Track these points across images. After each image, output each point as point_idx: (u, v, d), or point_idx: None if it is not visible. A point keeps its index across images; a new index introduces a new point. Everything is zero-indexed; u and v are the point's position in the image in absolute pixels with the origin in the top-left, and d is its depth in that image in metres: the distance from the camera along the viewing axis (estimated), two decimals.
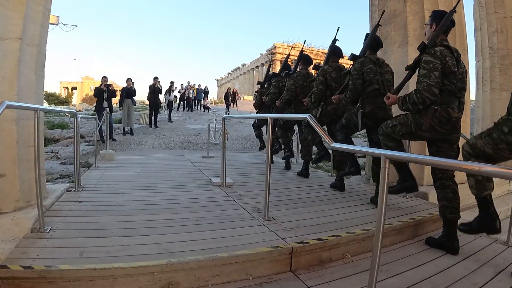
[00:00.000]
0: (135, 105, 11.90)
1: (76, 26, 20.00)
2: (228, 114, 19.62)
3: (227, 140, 4.91)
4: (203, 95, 22.14)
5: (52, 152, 9.24)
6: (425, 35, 3.06)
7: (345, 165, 4.26)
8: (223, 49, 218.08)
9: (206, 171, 5.64)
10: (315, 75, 4.74)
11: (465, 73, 2.93)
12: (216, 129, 13.50)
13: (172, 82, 16.22)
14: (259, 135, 7.06)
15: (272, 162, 7.02)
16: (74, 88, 67.22)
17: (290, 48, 8.06)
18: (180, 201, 3.65)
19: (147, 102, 14.73)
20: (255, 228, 2.84)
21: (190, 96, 20.95)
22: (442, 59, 2.75)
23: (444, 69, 2.75)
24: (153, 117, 13.69)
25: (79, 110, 27.56)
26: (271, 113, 6.04)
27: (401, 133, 3.04)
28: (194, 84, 22.31)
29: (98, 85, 10.49)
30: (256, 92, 7.54)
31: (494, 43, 7.57)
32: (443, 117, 2.78)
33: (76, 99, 57.84)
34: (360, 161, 7.75)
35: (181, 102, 20.48)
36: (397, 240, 3.14)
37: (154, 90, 13.14)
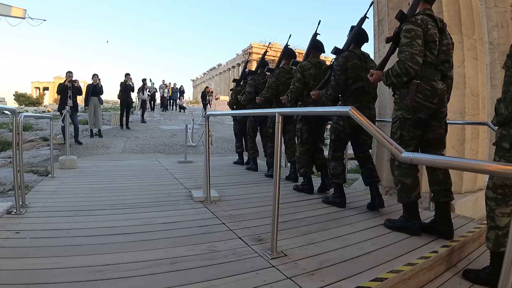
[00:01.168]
0: (102, 104, 10.76)
1: (44, 20, 18.50)
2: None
3: (211, 144, 4.01)
4: (178, 94, 20.99)
5: (10, 157, 8.05)
6: (409, 4, 2.82)
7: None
8: (199, 48, 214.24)
9: (185, 181, 4.72)
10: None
11: (450, 45, 2.77)
12: (194, 130, 12.57)
13: (144, 80, 15.02)
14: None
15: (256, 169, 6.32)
16: (46, 89, 63.88)
17: (268, 43, 7.19)
18: (152, 228, 2.72)
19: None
20: (263, 273, 1.96)
21: (165, 95, 19.78)
22: (423, 27, 2.59)
23: (426, 38, 2.60)
24: (124, 118, 12.54)
25: (48, 111, 25.81)
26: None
27: (410, 134, 2.69)
28: (170, 83, 21.15)
29: (62, 82, 9.36)
30: (231, 90, 6.96)
31: (494, 38, 7.13)
32: (427, 90, 2.59)
33: (47, 100, 55.15)
34: (353, 163, 7.04)
35: (152, 102, 19.18)
36: (442, 270, 2.41)
37: (126, 88, 11.98)
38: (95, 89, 10.29)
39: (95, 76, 10.39)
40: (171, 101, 21.05)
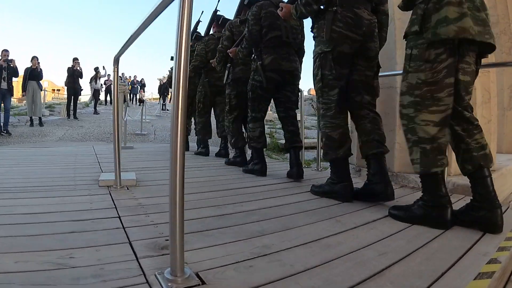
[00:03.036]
0: (41, 90, 9.16)
1: None
2: (166, 109, 17.08)
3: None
4: (139, 88, 19.11)
5: None
6: None
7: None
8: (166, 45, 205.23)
9: (108, 165, 3.32)
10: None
11: None
12: (147, 120, 11.23)
13: (96, 68, 13.28)
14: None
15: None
16: None
17: (202, 12, 5.88)
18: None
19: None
20: None
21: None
22: None
23: None
24: (72, 106, 10.85)
25: None
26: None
27: (333, 72, 2.06)
28: (130, 76, 19.30)
29: None
30: (170, 69, 6.22)
31: None
32: (349, 18, 2.01)
33: None
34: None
35: (108, 95, 16.89)
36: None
37: (73, 73, 10.35)
38: (33, 73, 8.79)
39: (34, 59, 8.84)
40: (131, 95, 19.13)
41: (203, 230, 1.40)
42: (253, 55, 2.97)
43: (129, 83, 18.66)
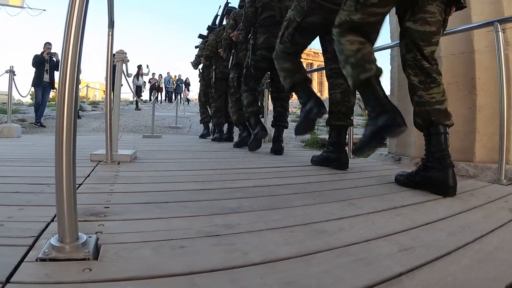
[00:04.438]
0: (79, 83, 9.47)
1: (44, 10, 17.58)
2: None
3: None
4: (183, 86, 19.30)
5: None
6: None
7: None
8: None
9: (119, 147, 3.28)
10: None
11: None
12: (186, 115, 11.26)
13: (139, 66, 13.68)
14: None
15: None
16: None
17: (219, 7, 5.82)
18: None
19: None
20: None
21: (161, 86, 17.82)
22: None
23: None
24: None
25: None
26: (203, 80, 5.50)
27: (290, 35, 2.10)
28: (175, 76, 19.58)
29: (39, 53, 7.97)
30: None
31: None
32: None
33: None
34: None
35: (153, 92, 17.06)
36: None
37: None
38: None
39: None
40: (176, 94, 19.34)
41: (161, 202, 1.11)
42: (249, 35, 3.13)
43: (174, 82, 18.99)
